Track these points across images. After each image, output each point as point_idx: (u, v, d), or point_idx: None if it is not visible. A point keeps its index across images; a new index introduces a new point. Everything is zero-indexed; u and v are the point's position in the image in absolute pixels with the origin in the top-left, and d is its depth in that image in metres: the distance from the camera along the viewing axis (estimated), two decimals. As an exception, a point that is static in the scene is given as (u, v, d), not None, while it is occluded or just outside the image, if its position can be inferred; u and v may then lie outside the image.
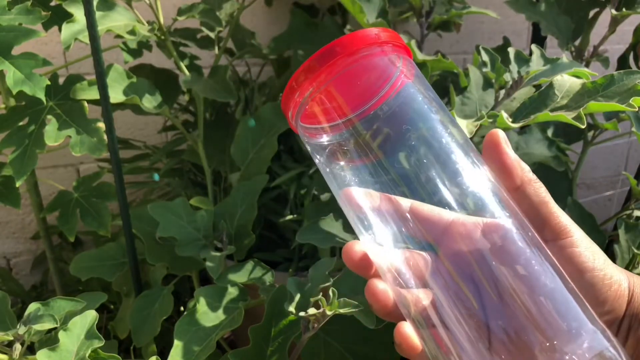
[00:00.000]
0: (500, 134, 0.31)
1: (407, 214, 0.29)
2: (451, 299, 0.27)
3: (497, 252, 0.27)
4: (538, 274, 0.27)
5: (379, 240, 0.30)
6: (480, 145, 0.32)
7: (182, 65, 0.77)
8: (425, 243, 0.29)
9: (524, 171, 0.31)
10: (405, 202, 0.30)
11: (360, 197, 0.30)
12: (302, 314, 0.49)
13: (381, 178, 0.30)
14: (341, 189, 0.31)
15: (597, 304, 0.29)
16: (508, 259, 0.27)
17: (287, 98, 0.31)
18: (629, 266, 0.66)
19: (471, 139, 0.67)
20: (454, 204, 0.29)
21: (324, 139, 0.31)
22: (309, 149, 0.33)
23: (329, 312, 0.48)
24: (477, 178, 0.29)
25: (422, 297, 0.28)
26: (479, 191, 0.29)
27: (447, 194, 0.29)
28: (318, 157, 0.32)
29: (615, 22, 0.80)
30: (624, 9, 0.78)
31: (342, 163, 0.31)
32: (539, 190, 0.31)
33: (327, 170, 0.32)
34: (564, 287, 0.27)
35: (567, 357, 0.24)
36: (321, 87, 0.30)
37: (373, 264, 0.31)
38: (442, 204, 0.29)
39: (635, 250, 0.66)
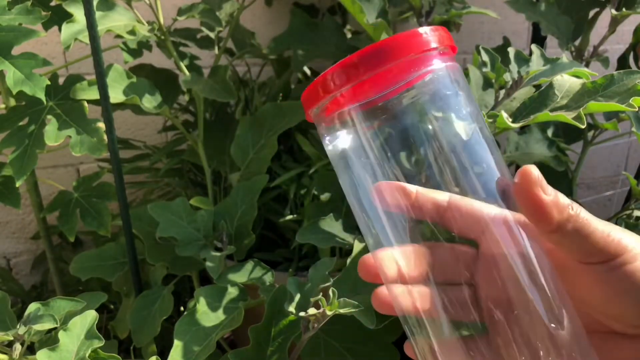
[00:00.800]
0: (534, 173, 0.28)
1: (445, 213, 0.28)
2: (494, 293, 0.26)
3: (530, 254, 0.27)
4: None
5: (403, 241, 0.28)
6: (477, 145, 0.31)
7: (182, 65, 0.77)
8: (465, 239, 0.28)
9: (561, 214, 0.27)
10: (444, 197, 0.28)
11: (394, 193, 0.28)
12: (302, 314, 0.49)
13: (411, 171, 0.28)
14: (364, 185, 0.29)
15: None
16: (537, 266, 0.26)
17: (315, 95, 0.29)
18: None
19: (471, 139, 0.67)
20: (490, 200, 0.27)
21: (348, 131, 0.29)
22: (328, 146, 0.30)
23: (329, 312, 0.48)
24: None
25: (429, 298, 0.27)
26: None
27: (481, 189, 0.28)
28: (337, 152, 0.30)
29: (615, 22, 0.80)
30: (624, 9, 0.78)
31: (363, 158, 0.29)
32: (581, 223, 0.28)
33: (345, 166, 0.30)
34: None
35: None
36: (360, 99, 0.27)
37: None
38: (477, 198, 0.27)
39: (635, 250, 0.66)
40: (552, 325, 0.26)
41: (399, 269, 0.28)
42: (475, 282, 0.28)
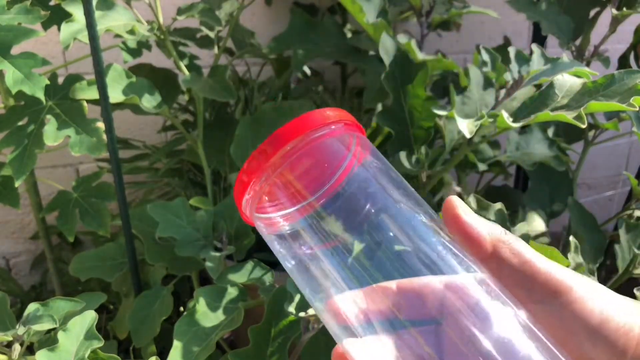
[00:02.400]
0: (456, 202, 0.28)
1: (398, 299, 0.27)
2: None
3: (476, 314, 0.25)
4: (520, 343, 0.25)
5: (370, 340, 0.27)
6: (481, 145, 0.31)
7: (182, 64, 0.77)
8: (427, 319, 0.27)
9: (492, 236, 0.28)
10: (391, 285, 0.27)
11: (346, 305, 0.27)
12: (302, 314, 0.49)
13: (353, 264, 0.28)
14: (315, 290, 0.29)
15: (616, 356, 0.26)
16: (490, 330, 0.25)
17: (239, 190, 0.30)
18: (630, 266, 0.66)
19: (471, 139, 0.67)
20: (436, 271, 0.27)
21: (285, 229, 0.30)
22: (268, 243, 0.32)
23: (329, 313, 0.48)
24: (447, 252, 0.28)
25: None
26: (449, 263, 0.27)
27: (423, 268, 0.27)
28: (280, 250, 0.31)
29: (615, 22, 0.80)
30: (624, 9, 0.78)
31: (304, 252, 0.29)
32: (517, 250, 0.27)
33: (293, 264, 0.30)
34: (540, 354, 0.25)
35: None
36: (274, 173, 0.29)
37: None
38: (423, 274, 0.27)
39: (636, 251, 0.66)
40: None
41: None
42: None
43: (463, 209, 0.28)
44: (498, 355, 0.24)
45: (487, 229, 0.28)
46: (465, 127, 0.59)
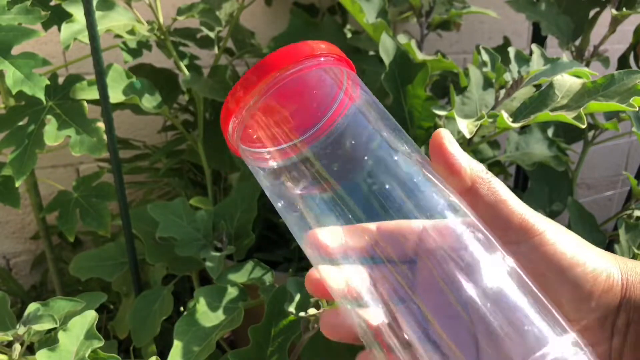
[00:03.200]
0: (444, 133, 0.28)
1: (377, 238, 0.27)
2: (433, 309, 0.25)
3: (455, 259, 0.26)
4: (501, 284, 0.25)
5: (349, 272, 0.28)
6: (481, 145, 0.31)
7: (182, 65, 0.77)
8: (402, 260, 0.27)
9: (473, 171, 0.28)
10: (371, 226, 0.28)
11: (326, 238, 0.28)
12: (302, 314, 0.49)
13: (338, 204, 0.28)
14: (298, 225, 0.29)
15: (582, 300, 0.27)
16: (468, 268, 0.25)
17: (224, 116, 0.29)
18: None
19: (471, 139, 0.67)
20: (417, 215, 0.27)
21: (270, 164, 0.29)
22: (254, 173, 0.31)
23: (329, 312, 0.48)
24: (433, 192, 0.28)
25: (383, 314, 0.26)
26: (433, 203, 0.27)
27: (408, 207, 0.27)
28: (266, 183, 0.30)
29: (615, 22, 0.80)
30: (624, 9, 0.78)
31: (291, 191, 0.29)
32: (494, 188, 0.28)
33: (276, 197, 0.30)
34: (524, 296, 0.25)
35: None
36: (259, 101, 0.28)
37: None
38: (406, 217, 0.27)
39: (636, 250, 0.66)
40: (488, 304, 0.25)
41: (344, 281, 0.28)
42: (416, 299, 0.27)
43: (449, 139, 0.28)
44: (479, 299, 0.24)
45: (468, 163, 0.28)
46: (465, 127, 0.59)
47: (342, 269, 0.28)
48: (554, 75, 0.61)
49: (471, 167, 0.28)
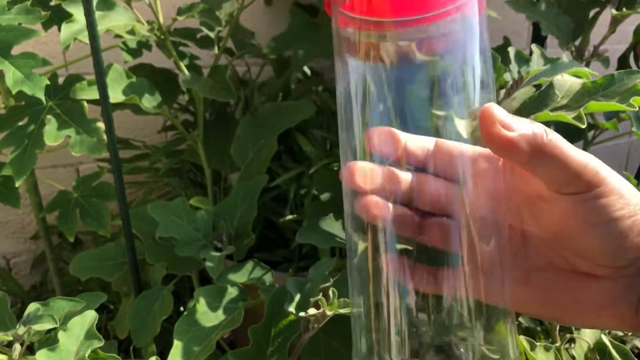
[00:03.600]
0: (493, 112, 0.28)
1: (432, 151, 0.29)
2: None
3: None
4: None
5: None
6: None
7: (182, 65, 0.77)
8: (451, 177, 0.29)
9: (532, 144, 0.27)
10: (430, 141, 0.30)
11: (385, 139, 0.29)
12: (302, 314, 0.49)
13: (399, 105, 0.29)
14: (356, 114, 0.29)
15: (623, 250, 0.28)
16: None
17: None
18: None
19: (471, 138, 0.67)
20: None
21: (353, 38, 0.28)
22: (337, 47, 0.30)
23: (329, 312, 0.48)
24: None
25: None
26: None
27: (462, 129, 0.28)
28: (346, 63, 0.29)
29: (615, 22, 0.80)
30: (624, 9, 0.78)
31: (366, 71, 0.28)
32: (557, 150, 0.28)
33: (343, 87, 0.29)
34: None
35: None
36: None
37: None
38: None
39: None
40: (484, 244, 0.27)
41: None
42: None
43: (502, 123, 0.28)
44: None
45: (525, 141, 0.27)
46: (464, 127, 0.59)
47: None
48: (554, 75, 0.61)
49: (528, 141, 0.28)
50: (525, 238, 0.32)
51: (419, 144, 0.30)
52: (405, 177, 0.29)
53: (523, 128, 0.28)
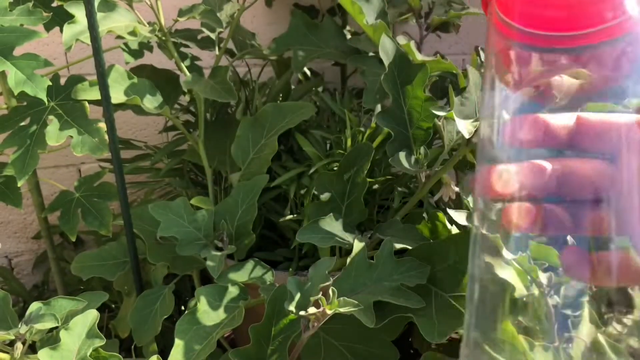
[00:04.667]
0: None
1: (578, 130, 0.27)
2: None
3: None
4: None
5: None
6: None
7: (183, 65, 0.77)
8: (601, 154, 0.26)
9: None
10: (571, 117, 0.28)
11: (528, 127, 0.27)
12: (302, 313, 0.50)
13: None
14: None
15: None
16: None
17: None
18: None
19: (470, 139, 0.67)
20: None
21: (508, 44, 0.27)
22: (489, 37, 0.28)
23: (329, 312, 0.49)
24: None
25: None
26: None
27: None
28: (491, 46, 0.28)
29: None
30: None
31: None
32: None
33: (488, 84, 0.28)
34: None
35: None
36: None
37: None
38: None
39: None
40: None
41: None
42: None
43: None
44: None
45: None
46: (464, 127, 0.60)
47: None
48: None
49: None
50: None
51: (559, 122, 0.28)
52: (549, 166, 0.28)
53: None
